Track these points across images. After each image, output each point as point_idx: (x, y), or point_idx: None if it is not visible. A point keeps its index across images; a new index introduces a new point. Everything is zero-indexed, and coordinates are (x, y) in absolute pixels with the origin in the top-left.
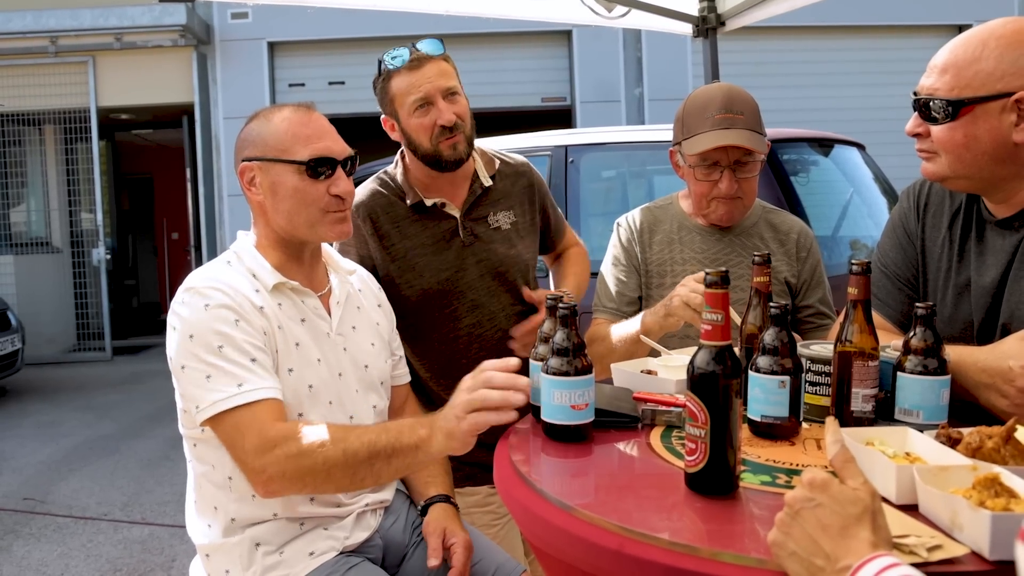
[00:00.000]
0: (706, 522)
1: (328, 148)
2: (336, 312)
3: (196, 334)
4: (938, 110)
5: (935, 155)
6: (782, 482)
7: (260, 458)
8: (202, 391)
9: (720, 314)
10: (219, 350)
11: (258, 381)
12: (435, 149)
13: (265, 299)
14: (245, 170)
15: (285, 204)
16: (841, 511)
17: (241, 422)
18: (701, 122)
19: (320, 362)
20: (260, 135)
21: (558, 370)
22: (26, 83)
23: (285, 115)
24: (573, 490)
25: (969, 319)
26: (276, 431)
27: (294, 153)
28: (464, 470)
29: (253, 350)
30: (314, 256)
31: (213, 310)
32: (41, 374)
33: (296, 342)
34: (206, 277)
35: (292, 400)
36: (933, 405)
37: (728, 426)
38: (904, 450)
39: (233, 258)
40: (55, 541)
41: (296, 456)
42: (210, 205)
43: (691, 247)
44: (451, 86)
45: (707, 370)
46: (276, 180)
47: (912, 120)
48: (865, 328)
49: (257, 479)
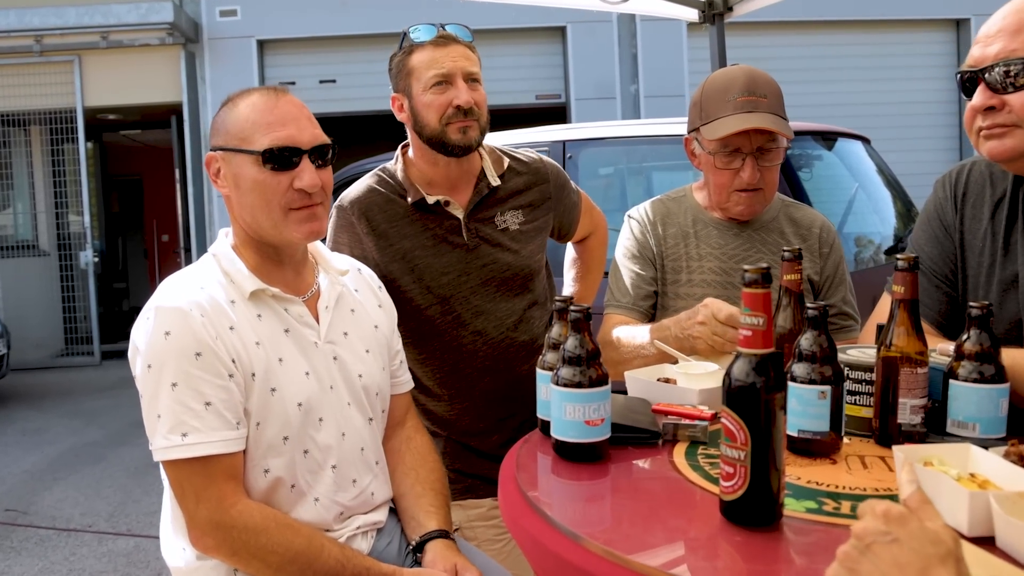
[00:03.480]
0: (748, 561)
1: (291, 136)
2: (325, 318)
3: (153, 365)
4: (1020, 74)
5: (1014, 128)
6: (829, 508)
7: (208, 528)
8: (152, 430)
9: (761, 317)
10: (172, 388)
11: (205, 433)
12: (442, 130)
13: (241, 312)
14: (210, 160)
15: (247, 199)
16: (921, 550)
17: (183, 479)
18: (722, 106)
19: (309, 375)
20: (224, 122)
21: (570, 381)
22: (10, 83)
23: (250, 100)
24: (588, 518)
25: (1016, 318)
26: (237, 515)
27: (252, 142)
28: (465, 482)
29: (211, 390)
30: (296, 257)
31: (172, 340)
32: (27, 379)
33: (279, 357)
34: (175, 293)
35: (280, 423)
36: (991, 416)
37: (772, 446)
38: (968, 471)
39: (211, 262)
40: (36, 555)
41: (250, 551)
42: (200, 207)
43: (707, 242)
44: (474, 71)
45: (747, 382)
46: (237, 172)
47: (980, 94)
48: (912, 331)
49: (197, 539)
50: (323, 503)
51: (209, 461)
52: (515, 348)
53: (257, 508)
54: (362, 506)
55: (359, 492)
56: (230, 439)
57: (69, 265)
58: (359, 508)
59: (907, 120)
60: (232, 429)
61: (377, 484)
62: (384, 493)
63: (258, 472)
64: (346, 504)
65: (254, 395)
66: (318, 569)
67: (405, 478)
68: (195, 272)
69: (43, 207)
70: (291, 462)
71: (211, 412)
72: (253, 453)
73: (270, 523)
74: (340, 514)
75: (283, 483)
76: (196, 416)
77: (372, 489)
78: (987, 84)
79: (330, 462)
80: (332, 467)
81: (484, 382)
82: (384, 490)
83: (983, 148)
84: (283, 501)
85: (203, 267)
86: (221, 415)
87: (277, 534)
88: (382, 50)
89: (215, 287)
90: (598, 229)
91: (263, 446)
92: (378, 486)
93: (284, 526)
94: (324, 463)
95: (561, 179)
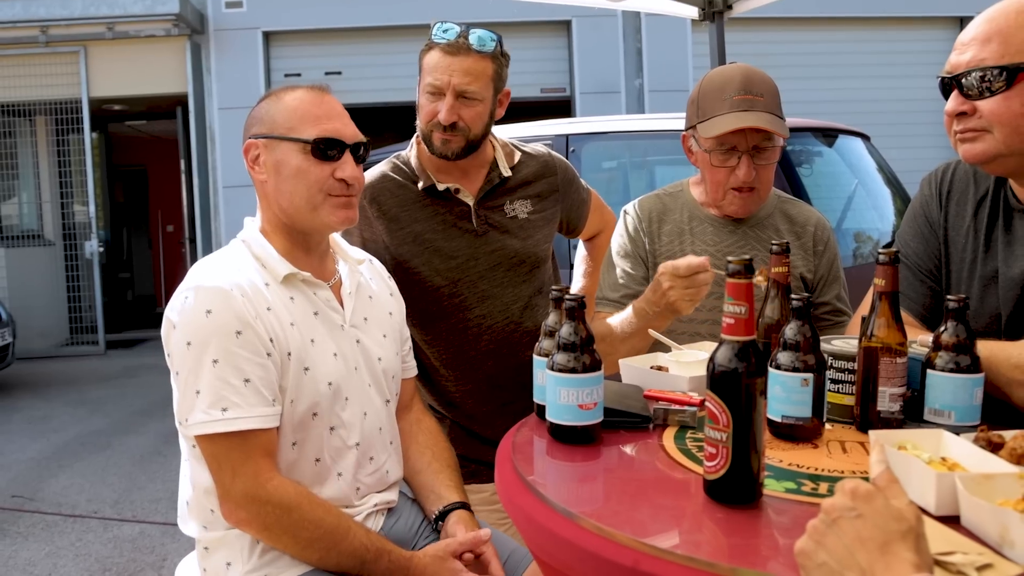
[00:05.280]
0: (728, 535)
1: (337, 130)
2: (348, 303)
3: (194, 342)
4: (989, 80)
5: (984, 133)
6: (808, 489)
7: (244, 502)
8: (190, 405)
9: (744, 306)
10: (213, 365)
11: (244, 409)
12: (428, 134)
13: (275, 294)
14: (250, 147)
15: (287, 184)
16: (884, 526)
17: (220, 453)
18: (719, 104)
19: (336, 356)
20: (269, 113)
21: (564, 367)
22: (16, 73)
23: (298, 95)
24: (581, 497)
25: (996, 312)
26: (273, 490)
27: (301, 132)
28: (469, 467)
29: (250, 367)
30: (322, 245)
31: (215, 318)
32: (32, 368)
33: (311, 338)
34: (213, 274)
35: (311, 400)
36: (966, 405)
37: (752, 429)
38: (940, 455)
39: (241, 247)
40: (43, 540)
41: (282, 527)
42: (205, 197)
43: (703, 239)
44: (471, 89)
45: (729, 367)
46: (280, 159)
47: (953, 99)
48: (892, 323)
49: (230, 512)
50: (345, 478)
51: (247, 436)
52: (519, 334)
53: (292, 485)
54: (378, 483)
55: (376, 469)
56: (267, 415)
57: (74, 255)
58: (375, 486)
59: (907, 117)
60: (269, 406)
61: (392, 463)
62: (397, 472)
63: (287, 445)
64: (364, 480)
65: (289, 373)
66: (343, 549)
67: (421, 456)
68: (228, 256)
69: (48, 197)
70: (318, 438)
71: (250, 388)
72: (285, 428)
73: (303, 500)
74: (358, 490)
75: (308, 457)
76: (236, 392)
77: (388, 467)
78: (960, 90)
79: (353, 439)
80: (356, 444)
81: (487, 365)
82: (397, 469)
83: (959, 151)
84: (307, 474)
85: (234, 252)
86: (259, 392)
87: (309, 511)
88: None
89: (250, 270)
90: (607, 227)
91: (295, 421)
92: (392, 464)
93: (316, 504)
94: (348, 440)
95: (570, 174)
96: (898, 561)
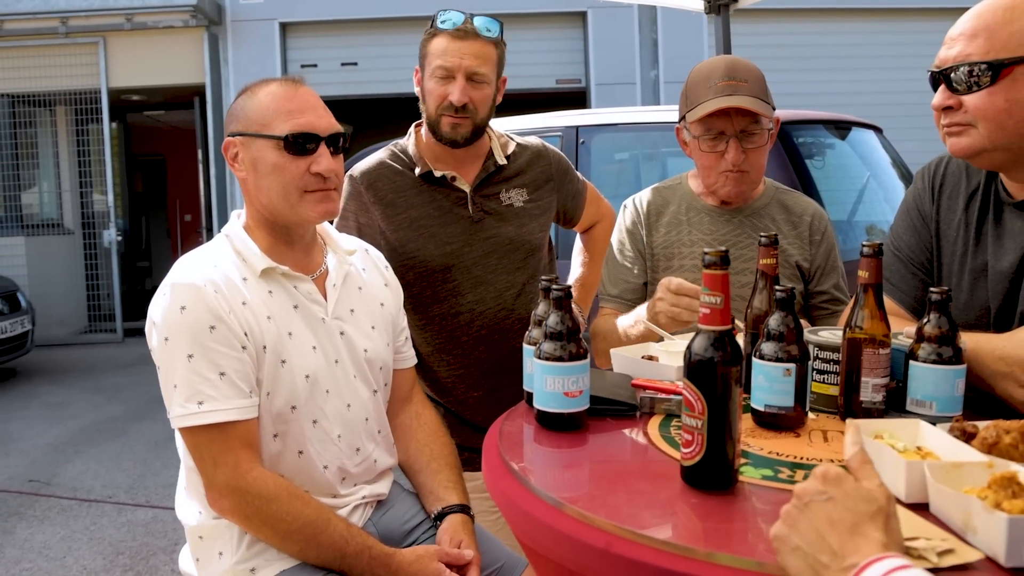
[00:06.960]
0: (702, 520)
1: (310, 123)
2: (332, 295)
3: (170, 338)
4: (975, 75)
5: (969, 127)
6: (784, 476)
7: (225, 491)
8: (169, 399)
9: (719, 297)
10: (188, 360)
11: (220, 401)
12: (436, 119)
13: (252, 288)
14: (229, 145)
15: (265, 181)
16: (853, 507)
17: (201, 444)
18: (704, 91)
19: (316, 349)
20: (243, 109)
21: (551, 355)
22: (37, 64)
23: (270, 89)
24: (562, 483)
25: (986, 305)
26: (252, 481)
27: (274, 128)
28: (463, 455)
29: (225, 361)
30: (305, 238)
31: (188, 314)
32: (51, 355)
33: (289, 331)
34: (190, 271)
35: (288, 393)
36: (947, 396)
37: (727, 416)
38: (916, 444)
39: (223, 242)
40: (59, 523)
41: (261, 517)
42: (222, 186)
43: (699, 228)
44: (481, 71)
45: (705, 356)
46: (257, 156)
47: (940, 94)
48: (876, 314)
49: (214, 501)
50: (331, 470)
51: (225, 428)
52: (511, 321)
53: (271, 477)
54: (366, 473)
55: (363, 459)
56: (243, 407)
57: (93, 243)
58: (363, 476)
59: (919, 109)
60: (245, 397)
61: (379, 452)
62: (386, 461)
63: (268, 437)
64: (350, 471)
65: (265, 366)
66: (322, 542)
67: (420, 455)
68: (208, 252)
69: (68, 186)
70: (300, 430)
71: (225, 382)
72: (264, 420)
73: (282, 492)
74: (344, 480)
75: (291, 449)
76: (212, 385)
77: (375, 457)
78: (947, 84)
79: (336, 431)
80: (338, 436)
81: (479, 351)
82: (385, 458)
83: (947, 145)
84: (292, 466)
85: (216, 247)
86: (235, 384)
87: (288, 503)
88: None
89: (228, 266)
90: (604, 219)
91: (273, 413)
92: (380, 454)
93: (295, 497)
94: (331, 432)
95: (564, 164)
96: (867, 541)
